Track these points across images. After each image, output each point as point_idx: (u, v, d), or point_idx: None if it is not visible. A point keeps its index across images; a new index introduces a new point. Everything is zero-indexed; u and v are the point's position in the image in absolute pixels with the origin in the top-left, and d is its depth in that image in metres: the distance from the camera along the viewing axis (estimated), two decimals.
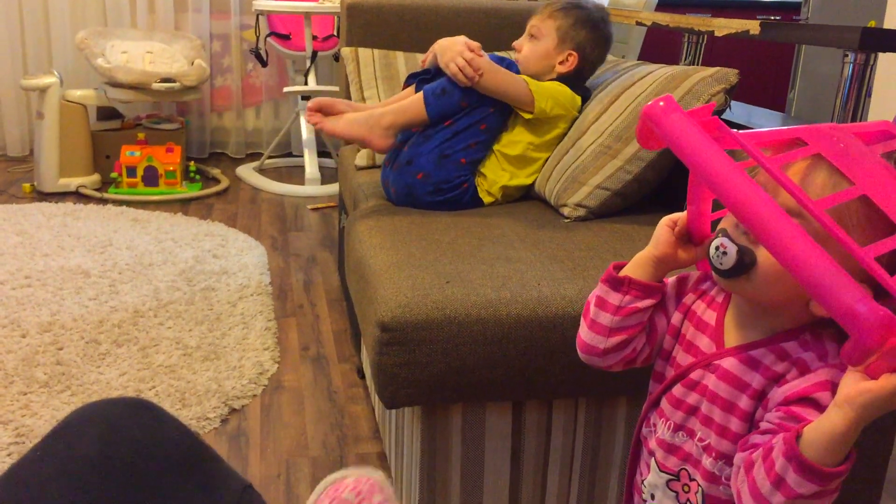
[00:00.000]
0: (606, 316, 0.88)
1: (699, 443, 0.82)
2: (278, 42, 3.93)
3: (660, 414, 0.86)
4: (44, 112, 3.37)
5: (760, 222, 0.62)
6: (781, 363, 0.77)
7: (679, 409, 0.84)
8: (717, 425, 0.80)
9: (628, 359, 0.90)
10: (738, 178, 0.63)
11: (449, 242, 1.48)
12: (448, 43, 1.70)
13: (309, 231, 3.18)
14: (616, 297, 0.87)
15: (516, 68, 1.77)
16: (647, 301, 0.87)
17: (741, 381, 0.79)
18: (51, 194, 3.41)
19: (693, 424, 0.83)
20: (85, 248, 2.68)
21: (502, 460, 1.35)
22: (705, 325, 0.84)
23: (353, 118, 1.69)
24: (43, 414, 1.74)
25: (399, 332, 1.22)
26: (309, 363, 2.10)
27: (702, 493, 0.82)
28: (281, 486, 1.60)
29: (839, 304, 0.58)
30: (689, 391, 0.83)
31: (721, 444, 0.80)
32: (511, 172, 1.77)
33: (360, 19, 2.33)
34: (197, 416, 1.78)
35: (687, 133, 0.66)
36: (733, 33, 1.73)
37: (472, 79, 1.65)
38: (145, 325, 2.16)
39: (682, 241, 0.86)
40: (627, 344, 0.88)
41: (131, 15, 3.97)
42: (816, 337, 0.77)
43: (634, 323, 0.87)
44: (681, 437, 0.84)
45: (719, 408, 0.80)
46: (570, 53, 1.80)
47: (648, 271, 0.87)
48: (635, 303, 0.86)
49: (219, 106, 4.24)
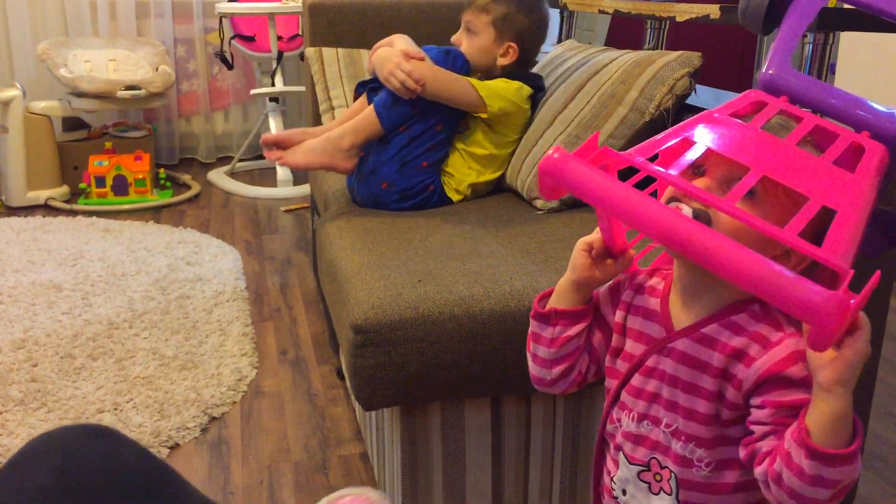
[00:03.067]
0: (543, 349, 0.90)
1: (666, 429, 0.82)
2: (243, 44, 3.90)
3: (622, 407, 0.87)
4: (8, 125, 3.32)
5: (688, 243, 0.62)
6: (738, 338, 0.77)
7: (640, 398, 0.84)
8: (682, 408, 0.81)
9: (578, 381, 0.92)
10: (652, 207, 0.64)
11: (420, 241, 1.48)
12: (385, 55, 1.66)
13: (283, 233, 3.17)
14: (548, 331, 0.89)
15: (463, 59, 1.74)
16: (578, 326, 0.89)
17: (699, 361, 0.79)
18: (19, 208, 3.37)
19: (657, 412, 0.83)
20: (56, 262, 2.65)
21: (483, 456, 1.35)
22: (651, 313, 0.85)
23: (311, 146, 1.68)
24: (19, 433, 1.72)
25: (373, 334, 1.22)
26: (288, 367, 2.09)
27: (675, 479, 0.82)
28: (264, 493, 1.60)
29: (793, 302, 0.58)
30: (647, 379, 0.84)
31: (689, 426, 0.80)
32: (478, 171, 1.76)
33: (323, 18, 2.31)
34: (176, 426, 1.77)
35: (589, 178, 0.66)
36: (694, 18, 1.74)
37: (415, 91, 1.62)
38: (120, 337, 2.14)
39: (600, 260, 0.87)
40: (571, 369, 0.90)
41: (93, 23, 3.92)
42: (765, 306, 0.78)
43: (572, 349, 0.89)
44: (646, 426, 0.84)
45: (682, 390, 0.81)
46: (509, 45, 1.77)
47: (572, 297, 0.88)
48: (566, 332, 0.88)
49: (186, 111, 4.21)
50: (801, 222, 0.64)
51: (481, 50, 1.78)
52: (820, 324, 0.58)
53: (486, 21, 1.76)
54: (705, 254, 0.61)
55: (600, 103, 1.64)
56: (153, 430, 1.74)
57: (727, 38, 4.46)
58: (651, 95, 1.56)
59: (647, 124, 1.56)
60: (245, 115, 4.32)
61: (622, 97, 1.60)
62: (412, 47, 1.68)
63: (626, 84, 1.62)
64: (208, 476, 1.64)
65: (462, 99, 1.69)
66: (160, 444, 1.71)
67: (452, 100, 1.68)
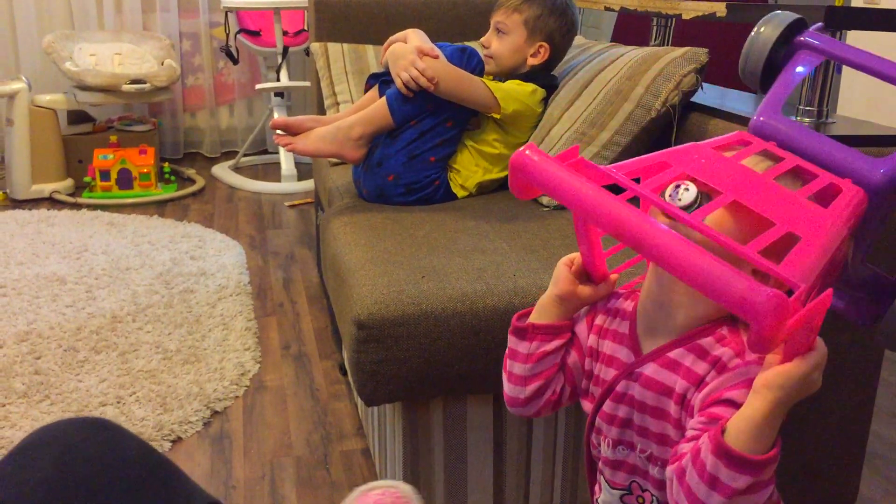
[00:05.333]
0: (518, 366, 0.88)
1: (641, 454, 0.81)
2: (249, 39, 3.90)
3: (598, 432, 0.85)
4: (13, 118, 3.33)
5: (640, 237, 0.62)
6: (701, 363, 0.75)
7: (613, 424, 0.83)
8: (654, 434, 0.79)
9: (552, 401, 0.89)
10: (610, 202, 0.64)
11: (423, 237, 1.48)
12: (400, 51, 1.65)
13: (287, 228, 3.17)
14: (524, 346, 0.87)
15: (478, 58, 1.74)
16: (556, 342, 0.87)
17: (665, 387, 0.77)
18: (24, 201, 3.37)
19: (630, 437, 0.82)
20: (60, 255, 2.66)
21: (485, 452, 1.35)
22: (621, 336, 0.83)
23: (321, 134, 1.67)
24: (23, 424, 1.72)
25: (376, 329, 1.22)
26: (291, 362, 2.09)
27: (657, 502, 0.81)
28: (266, 488, 1.60)
29: (730, 296, 0.57)
30: (617, 405, 0.82)
31: (664, 451, 0.79)
32: (485, 168, 1.76)
33: (329, 13, 2.31)
34: (179, 420, 1.77)
35: (558, 175, 0.66)
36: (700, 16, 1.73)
37: (427, 89, 1.61)
38: (124, 331, 2.14)
39: (581, 278, 0.86)
40: (546, 388, 0.88)
41: (98, 17, 3.93)
42: (733, 330, 0.76)
43: (548, 366, 0.87)
44: (622, 451, 0.83)
45: (650, 416, 0.79)
46: (541, 45, 1.78)
47: (553, 312, 0.87)
48: (543, 346, 0.87)
49: (191, 105, 4.21)
50: (763, 242, 0.64)
51: (512, 50, 1.78)
52: (756, 320, 0.57)
53: (518, 20, 1.77)
54: (651, 245, 0.61)
55: (606, 100, 1.64)
56: (155, 424, 1.74)
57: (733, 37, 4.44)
58: (657, 92, 1.55)
59: (653, 121, 1.55)
60: (250, 109, 4.33)
61: (628, 93, 1.60)
62: (427, 44, 1.68)
63: (632, 80, 1.61)
64: (210, 470, 1.65)
65: (475, 99, 1.68)
66: (162, 438, 1.72)
67: (465, 99, 1.68)
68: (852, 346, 1.33)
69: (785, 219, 0.67)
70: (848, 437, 1.40)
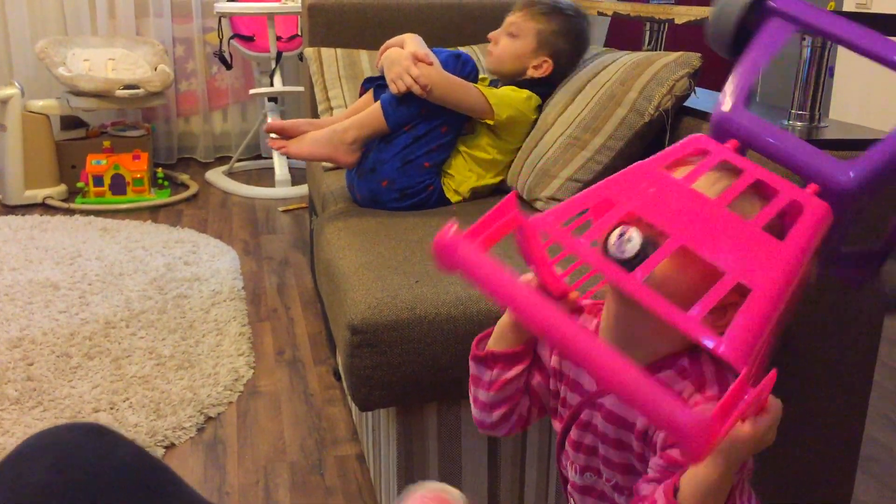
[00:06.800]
0: (482, 392, 0.85)
1: (607, 483, 0.80)
2: (242, 44, 3.90)
3: (566, 457, 0.84)
4: (6, 124, 3.32)
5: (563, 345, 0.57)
6: None
7: (580, 451, 0.81)
8: (618, 465, 0.78)
9: (520, 424, 0.87)
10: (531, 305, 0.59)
11: (417, 241, 1.48)
12: (395, 56, 1.66)
13: (281, 233, 3.16)
14: (486, 374, 0.84)
15: (472, 64, 1.74)
16: (516, 369, 0.84)
17: (625, 421, 0.76)
18: (17, 207, 3.36)
19: (597, 464, 0.80)
20: (53, 261, 2.65)
21: (479, 457, 1.35)
22: None
23: (315, 137, 1.67)
24: (15, 431, 1.71)
25: (370, 334, 1.22)
26: (285, 367, 2.09)
27: None
28: (260, 493, 1.59)
29: (656, 417, 0.55)
30: (584, 432, 0.81)
31: (629, 480, 0.78)
32: (478, 174, 1.76)
33: (322, 19, 2.31)
34: (172, 426, 1.76)
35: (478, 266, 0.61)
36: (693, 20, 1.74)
37: (420, 95, 1.62)
38: (117, 336, 2.13)
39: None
40: (512, 413, 0.86)
41: (91, 22, 3.92)
42: (694, 361, 0.73)
43: (511, 392, 0.85)
44: (589, 477, 0.82)
45: (614, 448, 0.78)
46: (545, 60, 1.78)
47: (511, 337, 0.83)
48: (504, 374, 0.83)
49: (185, 110, 4.20)
50: (711, 301, 0.59)
51: (516, 55, 1.78)
52: (683, 443, 0.55)
53: (532, 28, 1.76)
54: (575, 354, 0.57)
55: (599, 105, 1.64)
56: (149, 430, 1.74)
57: None
58: (650, 96, 1.55)
59: (646, 125, 1.56)
60: (243, 114, 4.32)
61: (621, 98, 1.60)
62: (422, 49, 1.67)
63: (625, 85, 1.61)
64: (204, 476, 1.64)
65: (469, 105, 1.68)
66: (156, 444, 1.71)
67: (459, 105, 1.68)
68: (845, 350, 1.33)
69: (737, 263, 0.62)
70: (842, 441, 1.40)
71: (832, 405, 1.37)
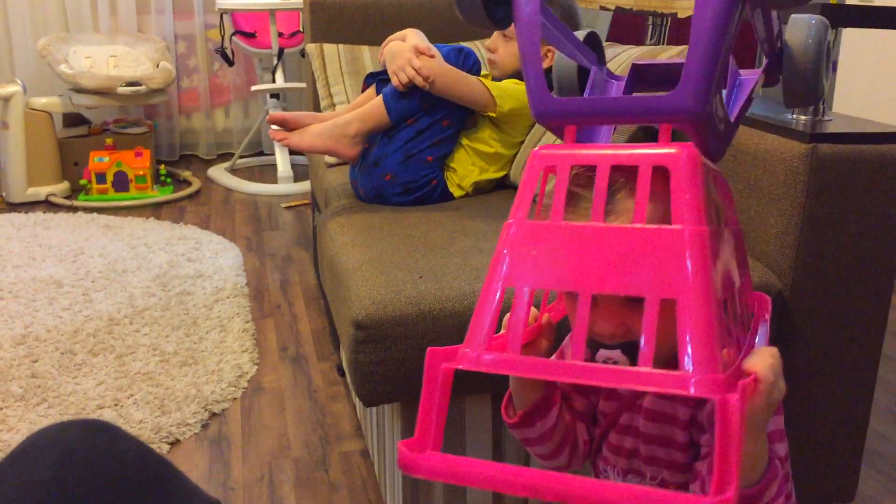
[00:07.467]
0: (539, 448, 0.85)
1: (652, 481, 0.81)
2: (244, 40, 3.90)
3: (605, 461, 0.85)
4: (8, 121, 3.32)
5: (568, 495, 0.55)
6: None
7: (620, 455, 0.83)
8: (663, 461, 0.79)
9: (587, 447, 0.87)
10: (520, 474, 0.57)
11: (420, 237, 1.47)
12: (397, 49, 1.66)
13: (284, 230, 3.16)
14: (531, 432, 0.83)
15: (474, 58, 1.74)
16: (553, 413, 0.83)
17: (667, 415, 0.77)
18: (20, 204, 3.37)
19: (639, 466, 0.82)
20: (57, 258, 2.65)
21: (484, 452, 1.35)
22: None
23: (318, 130, 1.67)
24: (20, 428, 1.72)
25: (374, 330, 1.21)
26: (288, 363, 2.09)
27: None
28: (264, 489, 1.59)
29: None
30: (623, 436, 0.82)
31: (675, 476, 0.79)
32: (481, 168, 1.76)
33: (324, 15, 2.31)
34: (177, 422, 1.76)
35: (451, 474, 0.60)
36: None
37: (422, 87, 1.62)
38: (121, 333, 2.13)
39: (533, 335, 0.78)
40: (575, 445, 0.86)
41: (93, 19, 3.92)
42: None
43: (562, 433, 0.84)
44: (632, 478, 0.83)
45: (658, 445, 0.79)
46: (548, 49, 1.78)
47: (530, 393, 0.82)
48: (546, 424, 0.83)
49: (187, 107, 4.21)
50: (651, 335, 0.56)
51: (516, 55, 1.76)
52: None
53: None
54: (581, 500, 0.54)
55: None
56: (153, 426, 1.74)
57: None
58: None
59: None
60: (245, 111, 4.32)
61: None
62: (424, 43, 1.68)
63: None
64: (208, 472, 1.64)
65: (472, 97, 1.68)
66: (160, 440, 1.71)
67: (462, 98, 1.68)
68: (850, 344, 1.33)
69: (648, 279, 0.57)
70: (846, 435, 1.40)
71: (836, 399, 1.37)
